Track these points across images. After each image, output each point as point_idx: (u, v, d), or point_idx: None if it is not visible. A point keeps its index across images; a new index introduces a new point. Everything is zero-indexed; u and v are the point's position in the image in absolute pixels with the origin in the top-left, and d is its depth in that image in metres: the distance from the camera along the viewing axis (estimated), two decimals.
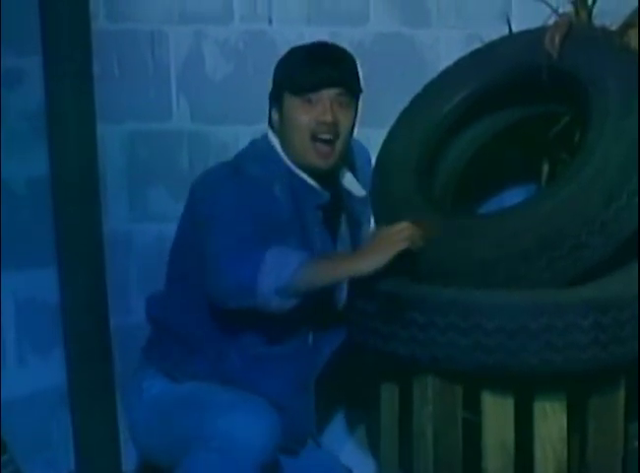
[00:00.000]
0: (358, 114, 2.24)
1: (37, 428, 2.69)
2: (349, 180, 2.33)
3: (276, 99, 2.25)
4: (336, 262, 2.05)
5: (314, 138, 2.19)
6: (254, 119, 2.64)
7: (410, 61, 2.75)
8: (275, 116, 2.26)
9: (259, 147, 2.29)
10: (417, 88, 2.40)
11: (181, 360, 2.27)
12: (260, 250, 2.03)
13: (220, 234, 2.11)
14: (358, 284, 2.12)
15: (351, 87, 2.22)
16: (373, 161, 2.40)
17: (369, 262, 1.97)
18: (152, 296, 2.40)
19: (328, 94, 2.18)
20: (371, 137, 2.37)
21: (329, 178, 2.28)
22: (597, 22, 2.36)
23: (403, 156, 2.30)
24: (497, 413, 2.06)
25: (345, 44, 2.25)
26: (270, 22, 2.74)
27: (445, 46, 2.73)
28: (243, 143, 2.34)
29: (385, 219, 2.24)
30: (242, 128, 2.71)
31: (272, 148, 2.26)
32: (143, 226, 2.77)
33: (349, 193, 2.32)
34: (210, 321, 2.21)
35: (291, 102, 2.20)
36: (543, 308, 1.93)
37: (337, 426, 2.50)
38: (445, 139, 2.37)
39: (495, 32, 2.45)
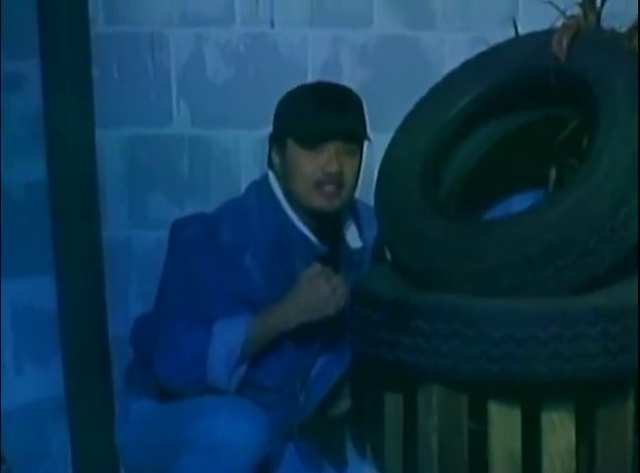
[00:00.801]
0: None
1: (35, 438, 2.66)
2: (350, 230, 2.30)
3: (277, 141, 2.21)
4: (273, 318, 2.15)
5: (318, 186, 2.16)
6: (255, 124, 2.62)
7: (414, 64, 2.73)
8: (276, 159, 2.22)
9: (248, 201, 2.25)
10: (422, 91, 2.37)
11: (162, 395, 2.25)
12: (205, 328, 2.12)
13: (169, 306, 2.19)
14: (361, 291, 2.09)
15: (357, 136, 2.20)
16: (377, 166, 2.37)
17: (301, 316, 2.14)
18: (138, 319, 2.38)
19: (334, 145, 2.16)
20: (375, 141, 2.34)
21: (331, 230, 2.26)
22: (605, 24, 2.34)
23: (407, 160, 2.27)
24: (504, 423, 2.02)
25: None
26: (272, 24, 2.71)
27: (450, 49, 2.71)
28: (244, 148, 2.32)
29: (389, 225, 2.21)
30: (243, 133, 2.68)
31: (272, 196, 2.23)
32: (142, 232, 2.74)
33: (346, 244, 2.29)
34: None
35: (295, 150, 2.17)
36: (551, 317, 1.89)
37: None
38: (450, 143, 2.34)
39: (501, 34, 2.42)
